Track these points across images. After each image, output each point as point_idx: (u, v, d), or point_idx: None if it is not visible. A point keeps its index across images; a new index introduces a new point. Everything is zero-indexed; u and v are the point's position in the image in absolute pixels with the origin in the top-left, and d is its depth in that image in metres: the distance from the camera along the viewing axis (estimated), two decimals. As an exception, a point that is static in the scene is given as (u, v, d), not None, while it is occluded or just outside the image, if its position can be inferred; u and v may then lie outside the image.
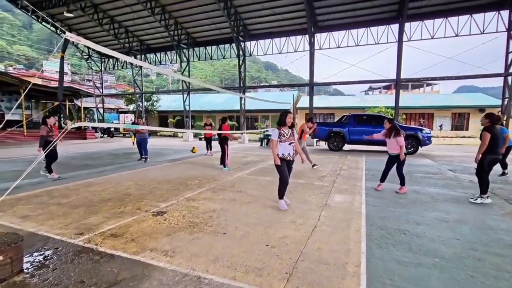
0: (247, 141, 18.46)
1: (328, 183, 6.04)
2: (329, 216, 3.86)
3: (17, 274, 2.31)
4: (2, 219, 3.57)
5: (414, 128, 12.37)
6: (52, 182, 5.82)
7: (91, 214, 3.83)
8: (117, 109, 31.85)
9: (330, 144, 13.27)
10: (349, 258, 2.64)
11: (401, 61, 14.51)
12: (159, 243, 2.94)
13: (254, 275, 2.33)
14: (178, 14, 17.80)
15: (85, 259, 2.59)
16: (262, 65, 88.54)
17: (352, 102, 26.77)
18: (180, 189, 5.33)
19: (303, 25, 16.38)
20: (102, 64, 24.65)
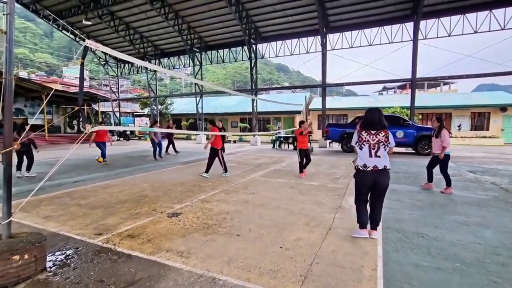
0: (259, 143, 18.48)
1: (342, 185, 5.95)
2: (344, 218, 3.81)
3: (40, 272, 2.41)
4: (27, 219, 3.73)
5: (430, 129, 12.01)
6: (72, 184, 6.03)
7: (109, 215, 3.95)
8: (133, 112, 32.67)
9: (344, 145, 13.09)
10: (365, 262, 2.59)
11: (417, 60, 14.16)
12: (175, 244, 2.99)
13: (269, 277, 2.33)
14: (191, 19, 18.11)
15: (104, 258, 2.67)
16: (273, 67, 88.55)
17: (366, 103, 26.28)
18: (194, 191, 5.40)
19: (315, 26, 16.29)
20: (118, 70, 25.39)
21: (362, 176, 3.11)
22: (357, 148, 3.18)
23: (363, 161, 3.08)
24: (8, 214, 2.38)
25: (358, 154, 3.15)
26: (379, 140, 3.08)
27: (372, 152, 3.06)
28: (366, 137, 3.11)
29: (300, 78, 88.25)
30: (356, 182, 3.19)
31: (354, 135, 3.22)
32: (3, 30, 2.26)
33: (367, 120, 3.18)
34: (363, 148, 3.11)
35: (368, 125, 3.16)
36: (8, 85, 2.29)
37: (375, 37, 15.88)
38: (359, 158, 3.13)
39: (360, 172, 3.11)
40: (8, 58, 2.28)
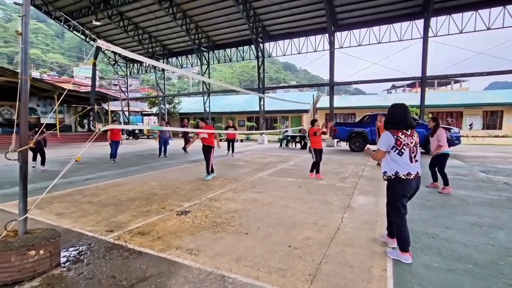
0: (266, 142, 18.47)
1: (350, 184, 5.91)
2: (353, 218, 3.79)
3: (55, 267, 2.48)
4: (41, 216, 3.83)
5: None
6: (83, 181, 6.16)
7: (120, 212, 4.02)
8: (141, 112, 33.07)
9: (352, 144, 12.97)
10: (375, 262, 2.58)
11: (427, 57, 13.90)
12: (184, 241, 3.03)
13: (277, 276, 2.34)
14: (198, 18, 18.20)
15: (115, 255, 2.73)
16: (280, 66, 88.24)
17: (374, 101, 25.98)
18: (202, 189, 5.45)
19: (323, 24, 16.16)
20: (127, 69, 25.71)
21: (406, 186, 2.60)
22: (393, 154, 2.61)
23: (406, 169, 2.58)
24: (24, 210, 2.45)
25: (395, 161, 2.61)
26: (416, 142, 2.65)
27: (412, 157, 2.61)
28: (405, 140, 2.59)
29: (307, 76, 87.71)
30: (397, 194, 2.65)
31: (386, 138, 2.64)
32: (19, 32, 2.32)
33: (399, 117, 2.63)
34: (403, 153, 2.57)
35: (400, 124, 2.62)
36: (24, 85, 2.36)
37: (384, 34, 15.67)
38: (396, 165, 2.60)
39: (402, 182, 2.60)
40: (23, 58, 2.34)
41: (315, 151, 6.64)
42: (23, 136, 2.37)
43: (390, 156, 2.64)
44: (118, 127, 11.02)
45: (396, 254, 2.65)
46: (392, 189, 2.69)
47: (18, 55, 54.91)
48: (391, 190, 2.70)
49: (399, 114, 2.63)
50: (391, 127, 2.65)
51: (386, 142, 2.64)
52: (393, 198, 2.70)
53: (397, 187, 2.64)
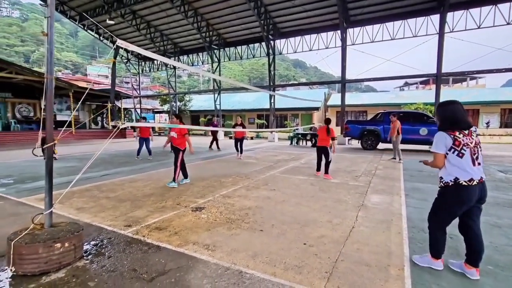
0: (277, 140, 18.45)
1: (363, 183, 5.86)
2: (367, 217, 3.76)
3: (79, 259, 2.57)
4: (62, 210, 3.97)
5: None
6: (100, 177, 6.32)
7: (137, 208, 4.12)
8: (153, 109, 33.54)
9: (364, 142, 12.83)
10: (391, 261, 2.56)
11: (442, 54, 13.55)
12: (200, 237, 3.09)
13: (294, 273, 2.36)
14: (209, 16, 18.26)
15: (135, 249, 2.81)
16: (290, 63, 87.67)
17: (386, 99, 25.54)
18: (215, 186, 5.51)
19: (335, 21, 15.95)
20: (139, 67, 26.09)
21: (466, 195, 2.24)
22: (451, 156, 2.28)
23: (468, 174, 2.23)
24: (50, 204, 2.55)
25: (454, 165, 2.27)
26: (476, 142, 2.29)
27: (474, 159, 2.25)
28: (464, 139, 2.24)
29: (317, 74, 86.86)
30: (451, 203, 2.32)
31: (441, 138, 2.30)
32: (45, 32, 2.40)
33: (455, 115, 2.31)
34: (464, 154, 2.23)
35: (457, 123, 2.30)
36: (49, 84, 2.44)
37: (398, 30, 15.34)
38: (457, 170, 2.27)
39: (462, 190, 2.25)
40: (49, 58, 2.42)
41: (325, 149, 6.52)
42: (49, 133, 2.46)
43: (449, 160, 2.29)
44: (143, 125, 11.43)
45: (427, 260, 2.47)
46: (447, 198, 2.34)
47: (34, 54, 56.15)
48: (444, 198, 2.36)
49: (454, 112, 2.32)
50: (447, 128, 2.31)
51: (442, 142, 2.29)
52: (443, 207, 2.37)
53: (454, 195, 2.28)
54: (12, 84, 17.97)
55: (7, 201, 4.47)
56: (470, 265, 2.32)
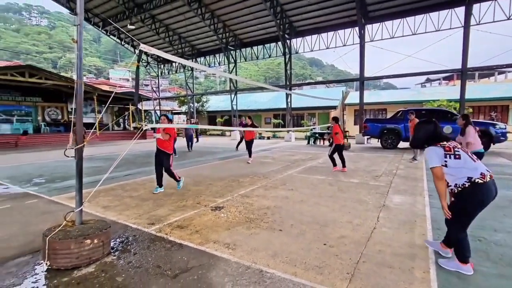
0: (293, 139, 18.34)
1: (384, 183, 5.71)
2: (389, 218, 3.67)
3: (106, 255, 2.70)
4: (89, 208, 4.16)
5: (485, 123, 10.95)
6: (123, 177, 6.57)
7: (159, 206, 4.25)
8: (171, 110, 34.33)
9: (384, 141, 12.48)
10: (416, 263, 2.49)
11: (468, 48, 12.90)
12: (220, 236, 3.14)
13: (315, 273, 2.35)
14: (226, 18, 18.45)
15: (158, 246, 2.91)
16: (306, 62, 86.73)
17: (407, 96, 24.66)
18: (233, 186, 5.57)
19: (352, 17, 15.61)
20: (158, 70, 26.79)
21: (485, 191, 2.24)
22: (451, 161, 2.31)
23: (476, 170, 2.26)
24: (80, 202, 2.70)
25: (458, 168, 2.29)
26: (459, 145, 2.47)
27: (471, 156, 2.36)
28: (451, 144, 2.40)
29: (334, 72, 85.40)
30: (472, 202, 2.27)
31: (432, 152, 2.41)
32: (75, 39, 2.54)
33: (436, 130, 2.49)
34: (461, 155, 2.32)
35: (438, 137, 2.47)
36: (79, 88, 2.57)
37: (419, 25, 14.77)
38: (463, 170, 2.28)
39: (480, 187, 2.22)
40: (78, 64, 2.56)
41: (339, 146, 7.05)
42: (79, 135, 2.59)
43: (451, 166, 2.31)
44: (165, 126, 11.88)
45: (455, 265, 2.38)
46: (466, 199, 2.28)
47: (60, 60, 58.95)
48: (464, 200, 2.30)
49: (438, 128, 2.49)
50: (431, 144, 2.44)
51: (434, 155, 2.36)
52: (463, 211, 2.33)
53: (473, 195, 2.25)
54: (41, 89, 19.08)
55: (40, 199, 4.75)
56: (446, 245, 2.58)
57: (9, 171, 7.49)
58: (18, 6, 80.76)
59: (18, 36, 64.78)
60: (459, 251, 2.38)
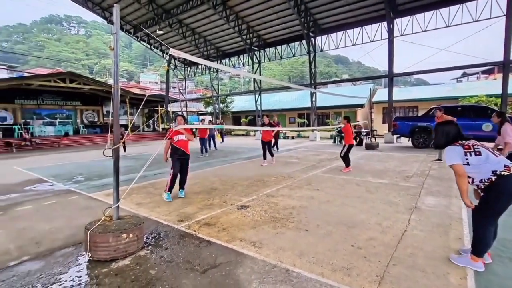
0: (318, 139, 18.05)
1: (415, 184, 5.46)
2: (421, 220, 3.52)
3: (140, 249, 2.87)
4: (124, 204, 4.43)
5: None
6: (153, 175, 6.89)
7: (187, 204, 4.42)
8: (197, 111, 35.31)
9: (415, 140, 11.88)
10: (451, 268, 2.37)
11: (511, 38, 11.87)
12: (247, 234, 3.20)
13: (342, 274, 2.32)
14: (250, 19, 18.61)
15: (188, 242, 3.03)
16: (331, 60, 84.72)
17: (441, 92, 23.20)
18: (258, 185, 5.63)
19: (380, 12, 15.04)
20: (185, 72, 27.65)
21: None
22: (472, 159, 2.30)
23: (499, 163, 2.25)
24: (117, 199, 2.89)
25: (480, 164, 2.29)
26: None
27: (492, 151, 2.37)
28: (470, 142, 2.40)
29: (360, 69, 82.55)
30: (500, 195, 2.24)
31: (451, 150, 2.40)
32: (112, 47, 2.73)
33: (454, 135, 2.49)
34: (481, 151, 2.32)
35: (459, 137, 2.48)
36: (116, 92, 2.76)
37: (454, 16, 13.85)
38: (487, 165, 2.27)
39: (507, 179, 2.20)
40: (115, 70, 2.74)
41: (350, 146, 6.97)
42: (116, 136, 2.78)
43: (473, 164, 2.30)
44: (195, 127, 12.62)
45: (466, 261, 2.38)
46: (493, 193, 2.25)
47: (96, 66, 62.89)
48: (491, 194, 2.27)
49: (459, 128, 2.50)
50: (450, 143, 2.47)
51: (454, 153, 2.36)
52: (491, 205, 2.29)
53: (500, 188, 2.21)
54: (80, 94, 20.54)
55: (81, 196, 5.14)
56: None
57: (54, 170, 8.16)
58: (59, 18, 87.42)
59: (60, 45, 70.18)
60: (478, 246, 2.35)
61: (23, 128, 16.75)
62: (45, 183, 6.31)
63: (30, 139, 15.80)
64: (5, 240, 3.21)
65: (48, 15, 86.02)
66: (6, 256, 2.80)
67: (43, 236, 3.30)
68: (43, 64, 54.20)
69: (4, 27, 76.44)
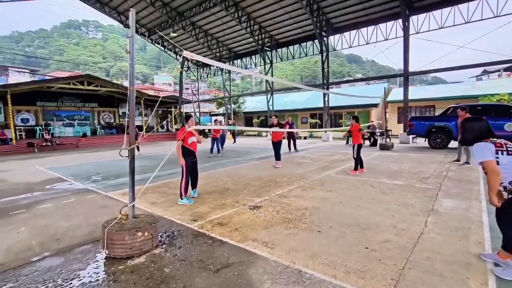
0: (331, 139, 17.84)
1: (432, 185, 5.30)
2: (439, 223, 3.41)
3: (155, 247, 2.93)
4: (139, 203, 4.52)
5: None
6: (167, 175, 7.02)
7: (200, 204, 4.47)
8: (210, 112, 35.66)
9: (432, 141, 11.53)
10: (471, 274, 2.29)
11: (536, 34, 11.33)
12: (259, 234, 3.21)
13: (356, 277, 2.29)
14: (262, 19, 18.64)
15: (201, 241, 3.07)
16: (344, 59, 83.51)
17: (459, 91, 22.40)
18: (271, 186, 5.62)
19: (395, 9, 14.70)
20: (198, 74, 27.99)
21: None
22: (503, 158, 2.21)
23: None
24: (133, 198, 2.96)
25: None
26: None
27: None
28: (502, 141, 2.32)
29: (375, 68, 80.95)
30: None
31: (482, 147, 2.30)
32: (128, 50, 2.80)
33: (488, 126, 2.43)
34: None
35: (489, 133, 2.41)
36: (132, 94, 2.83)
37: (474, 11, 13.35)
38: None
39: None
40: (131, 72, 2.82)
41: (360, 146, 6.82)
42: (132, 137, 2.86)
43: (502, 163, 2.18)
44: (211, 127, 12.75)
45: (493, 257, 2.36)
46: None
47: (112, 68, 64.64)
48: None
49: (483, 128, 2.39)
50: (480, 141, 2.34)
51: (486, 149, 2.23)
52: None
53: None
54: (97, 95, 21.19)
55: (98, 195, 5.30)
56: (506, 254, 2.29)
57: (73, 169, 8.46)
58: (78, 22, 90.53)
59: (78, 49, 72.71)
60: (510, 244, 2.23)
61: (44, 129, 17.44)
62: (65, 182, 6.55)
63: (51, 139, 16.43)
64: (28, 236, 3.35)
65: (67, 20, 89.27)
66: (29, 252, 2.93)
67: (63, 233, 3.43)
68: (62, 67, 56.25)
69: (27, 33, 79.99)
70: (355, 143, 6.85)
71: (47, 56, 62.45)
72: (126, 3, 19.66)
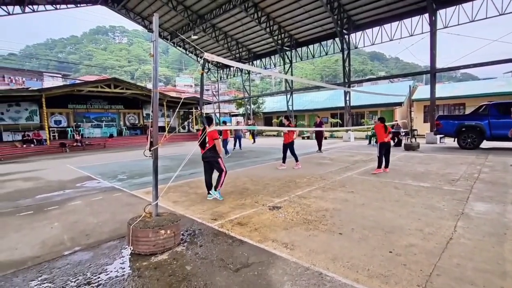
0: (352, 139, 17.40)
1: (462, 188, 5.01)
2: (470, 228, 3.22)
3: (177, 245, 3.01)
4: (161, 202, 4.65)
5: None
6: (188, 175, 7.18)
7: (220, 203, 4.53)
8: (230, 113, 36.03)
9: (461, 141, 10.92)
10: (507, 283, 2.14)
11: None
12: (279, 235, 3.20)
13: (380, 282, 2.22)
14: (281, 19, 18.58)
15: (221, 240, 3.11)
16: (366, 56, 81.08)
17: (492, 87, 20.98)
18: (290, 186, 5.58)
19: (421, 4, 14.08)
20: (218, 75, 28.40)
21: None
22: None
23: None
24: (156, 197, 3.06)
25: None
26: None
27: None
28: None
29: (399, 65, 77.91)
30: None
31: None
32: (151, 54, 2.90)
33: None
34: None
35: None
36: (155, 96, 2.93)
37: (508, 3, 12.46)
38: None
39: None
40: (155, 75, 2.92)
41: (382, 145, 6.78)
42: (155, 137, 2.95)
43: None
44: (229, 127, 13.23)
45: None
46: None
47: (137, 71, 67.17)
48: None
49: None
50: None
51: None
52: None
53: None
54: (123, 98, 22.12)
55: (123, 193, 5.53)
56: None
57: (100, 169, 8.88)
58: (105, 29, 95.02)
59: (105, 54, 76.29)
60: None
61: (75, 130, 18.46)
62: (93, 181, 6.90)
63: (81, 140, 17.38)
64: (61, 231, 3.56)
65: (96, 27, 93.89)
66: (62, 246, 3.11)
67: (91, 229, 3.61)
68: (91, 71, 59.34)
69: (60, 40, 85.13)
70: (378, 142, 6.92)
71: (77, 61, 66.05)
72: (150, 8, 20.38)
